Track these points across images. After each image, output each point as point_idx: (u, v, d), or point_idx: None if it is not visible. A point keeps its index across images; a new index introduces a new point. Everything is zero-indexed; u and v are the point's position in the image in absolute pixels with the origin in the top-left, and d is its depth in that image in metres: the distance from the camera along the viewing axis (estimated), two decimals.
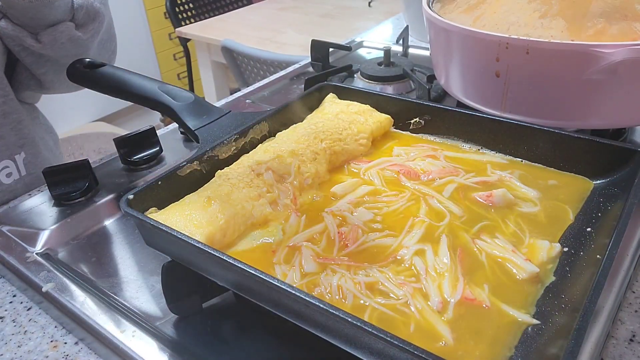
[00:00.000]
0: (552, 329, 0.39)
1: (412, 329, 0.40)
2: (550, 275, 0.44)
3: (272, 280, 0.39)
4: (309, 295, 0.37)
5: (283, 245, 0.49)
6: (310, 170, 0.57)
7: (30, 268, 0.58)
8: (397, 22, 1.40)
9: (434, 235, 0.49)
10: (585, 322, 0.35)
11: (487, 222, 0.50)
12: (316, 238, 0.50)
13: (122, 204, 0.48)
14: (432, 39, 0.74)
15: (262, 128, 0.63)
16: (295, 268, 0.46)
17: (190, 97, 0.67)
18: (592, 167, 0.55)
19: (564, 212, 0.51)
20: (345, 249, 0.48)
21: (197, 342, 0.48)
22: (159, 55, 3.17)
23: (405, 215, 0.52)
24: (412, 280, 0.44)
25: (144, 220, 0.46)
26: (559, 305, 0.41)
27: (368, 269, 0.45)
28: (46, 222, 0.65)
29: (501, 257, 0.46)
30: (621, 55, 0.54)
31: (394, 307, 0.42)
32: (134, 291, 0.55)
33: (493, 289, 0.43)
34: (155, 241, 0.49)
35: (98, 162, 0.78)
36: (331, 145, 0.60)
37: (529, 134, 0.58)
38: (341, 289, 0.43)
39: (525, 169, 0.57)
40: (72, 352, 0.50)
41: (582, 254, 0.46)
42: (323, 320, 0.38)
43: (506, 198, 0.52)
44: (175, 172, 0.54)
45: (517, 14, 0.64)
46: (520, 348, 0.38)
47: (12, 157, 0.78)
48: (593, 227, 0.49)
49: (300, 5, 2.39)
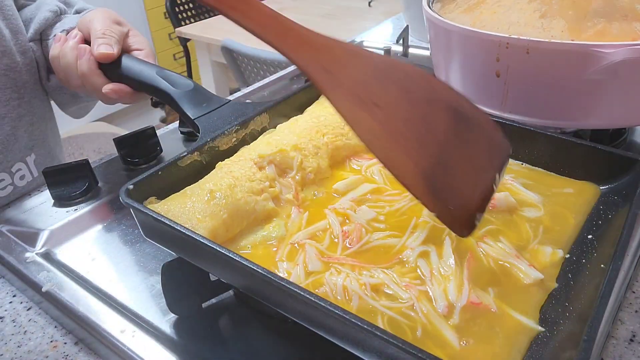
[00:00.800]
0: (558, 337, 0.39)
1: (420, 334, 0.40)
2: (552, 281, 0.44)
3: (280, 281, 0.38)
4: (319, 298, 0.37)
5: (286, 242, 0.49)
6: (312, 165, 0.56)
7: (30, 268, 0.58)
8: (397, 22, 1.40)
9: (437, 237, 0.48)
10: (594, 332, 0.34)
11: (491, 227, 0.50)
12: (319, 236, 0.49)
13: (121, 194, 0.47)
14: (432, 39, 0.74)
15: (262, 120, 0.62)
16: (299, 266, 0.46)
17: (190, 85, 0.64)
18: (593, 174, 0.54)
19: (565, 218, 0.50)
20: (349, 249, 0.48)
21: (197, 342, 0.48)
22: (158, 55, 3.17)
23: (409, 215, 0.51)
24: (417, 283, 0.44)
25: (145, 212, 0.45)
26: (563, 313, 0.41)
27: (372, 269, 0.45)
28: (46, 222, 0.65)
29: (505, 261, 0.45)
30: (621, 55, 0.54)
31: (400, 310, 0.41)
32: (133, 291, 0.55)
33: (498, 293, 0.43)
34: (155, 234, 0.48)
35: (98, 162, 0.78)
36: (333, 139, 0.59)
37: (530, 137, 0.58)
38: (346, 290, 0.43)
39: (526, 173, 0.57)
40: (71, 352, 0.50)
41: (584, 262, 0.45)
42: (331, 322, 0.37)
43: (508, 202, 0.52)
44: (175, 163, 0.53)
45: (517, 14, 0.64)
46: (528, 356, 0.38)
47: (23, 160, 0.79)
48: (594, 234, 0.48)
49: (300, 5, 2.39)
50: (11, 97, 0.76)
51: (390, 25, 1.39)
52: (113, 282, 0.56)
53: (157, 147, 0.76)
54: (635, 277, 0.53)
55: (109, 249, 0.61)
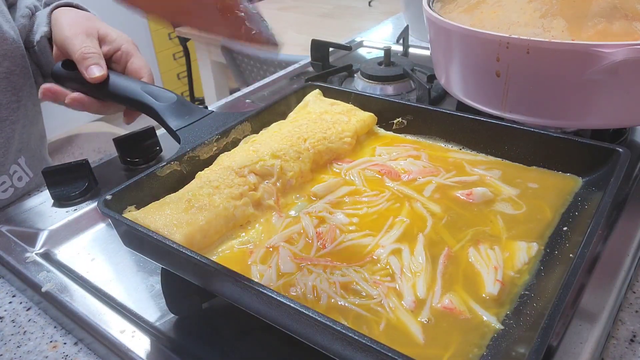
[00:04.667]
0: (522, 328, 0.39)
1: (382, 327, 0.40)
2: (526, 274, 0.44)
3: (236, 277, 0.39)
4: (271, 290, 0.37)
5: (261, 246, 0.49)
6: (294, 169, 0.56)
7: (30, 268, 0.58)
8: (397, 21, 1.40)
9: (411, 235, 0.49)
10: (553, 320, 0.35)
11: (467, 223, 0.50)
12: (295, 238, 0.50)
13: (98, 205, 0.47)
14: (433, 39, 0.74)
15: (244, 128, 0.63)
16: (271, 268, 0.46)
17: (173, 97, 0.66)
18: (571, 166, 0.55)
19: (542, 211, 0.51)
20: (323, 249, 0.48)
21: (197, 342, 0.48)
22: (158, 55, 3.17)
23: (385, 216, 0.52)
24: (387, 280, 0.44)
25: (121, 221, 0.46)
26: (530, 304, 0.41)
27: (344, 268, 0.45)
28: (46, 222, 0.65)
29: (478, 264, 0.45)
30: (622, 55, 0.53)
31: (368, 306, 0.42)
32: (133, 291, 0.55)
33: (466, 287, 0.43)
34: (133, 242, 0.48)
35: (98, 162, 0.78)
36: (315, 144, 0.60)
37: (509, 133, 0.58)
38: (316, 289, 0.43)
39: (505, 168, 0.58)
40: (71, 353, 0.50)
41: (556, 253, 0.46)
42: (285, 317, 0.38)
43: (486, 196, 0.52)
44: (154, 173, 0.53)
45: (518, 13, 0.64)
46: (491, 347, 0.38)
47: (16, 162, 0.79)
48: (569, 226, 0.49)
49: (300, 5, 2.38)
50: (11, 100, 0.76)
51: (390, 25, 1.39)
52: (113, 282, 0.56)
53: (157, 147, 0.77)
54: (636, 277, 0.53)
55: (108, 249, 0.61)
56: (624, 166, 0.49)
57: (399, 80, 0.91)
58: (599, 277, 0.51)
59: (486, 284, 0.43)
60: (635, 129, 0.75)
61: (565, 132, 0.66)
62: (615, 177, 0.48)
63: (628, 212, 0.59)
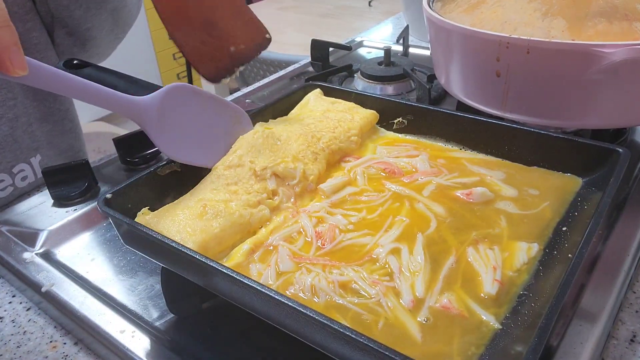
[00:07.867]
0: (521, 328, 0.39)
1: (381, 326, 0.40)
2: (524, 274, 0.44)
3: (232, 274, 0.39)
4: (264, 287, 0.37)
5: (261, 245, 0.49)
6: (314, 173, 0.56)
7: (30, 268, 0.58)
8: (397, 21, 1.40)
9: (411, 235, 0.49)
10: (550, 319, 0.35)
11: (470, 224, 0.50)
12: (294, 237, 0.50)
13: (99, 204, 0.48)
14: (433, 39, 0.74)
15: None
16: (270, 267, 0.46)
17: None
18: (571, 167, 0.55)
19: (542, 211, 0.51)
20: (323, 248, 0.48)
21: (197, 342, 0.48)
22: (158, 55, 3.17)
23: (385, 215, 0.52)
24: (385, 279, 0.44)
25: (122, 220, 0.46)
26: (529, 304, 0.41)
27: (343, 267, 0.45)
28: (45, 222, 0.65)
29: (477, 263, 0.45)
30: (622, 55, 0.53)
31: (366, 305, 0.42)
32: (133, 291, 0.55)
33: (464, 287, 0.43)
34: (134, 242, 0.49)
35: (98, 162, 0.78)
36: (329, 144, 0.60)
37: (510, 133, 0.58)
38: (314, 288, 0.43)
39: (505, 168, 0.58)
40: (71, 353, 0.50)
41: (555, 253, 0.46)
42: (287, 317, 0.38)
43: (486, 196, 0.52)
44: (154, 172, 0.54)
45: (518, 13, 0.64)
46: (489, 346, 0.38)
47: (27, 161, 0.78)
48: (569, 226, 0.49)
49: (300, 5, 2.38)
50: (6, 97, 0.75)
51: (390, 25, 1.39)
52: (112, 282, 0.56)
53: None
54: (636, 277, 0.53)
55: (108, 249, 0.61)
56: (623, 166, 0.49)
57: (399, 80, 0.91)
58: (599, 277, 0.51)
59: (484, 283, 0.43)
60: (635, 129, 0.74)
61: (565, 132, 0.66)
62: (615, 177, 0.48)
63: (628, 212, 0.59)
